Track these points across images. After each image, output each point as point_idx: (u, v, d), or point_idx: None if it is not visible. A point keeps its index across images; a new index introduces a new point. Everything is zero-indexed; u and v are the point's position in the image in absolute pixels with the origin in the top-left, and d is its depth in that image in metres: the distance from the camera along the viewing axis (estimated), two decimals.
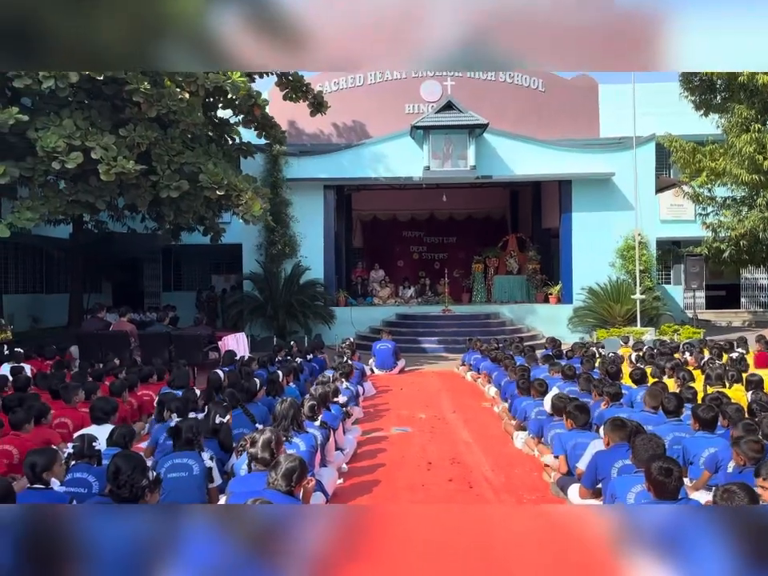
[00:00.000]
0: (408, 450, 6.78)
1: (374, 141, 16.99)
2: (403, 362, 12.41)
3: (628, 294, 15.40)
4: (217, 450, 5.02)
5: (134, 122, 10.30)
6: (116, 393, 6.74)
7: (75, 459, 4.31)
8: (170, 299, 21.05)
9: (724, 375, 7.07)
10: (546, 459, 5.87)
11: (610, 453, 4.52)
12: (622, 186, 16.15)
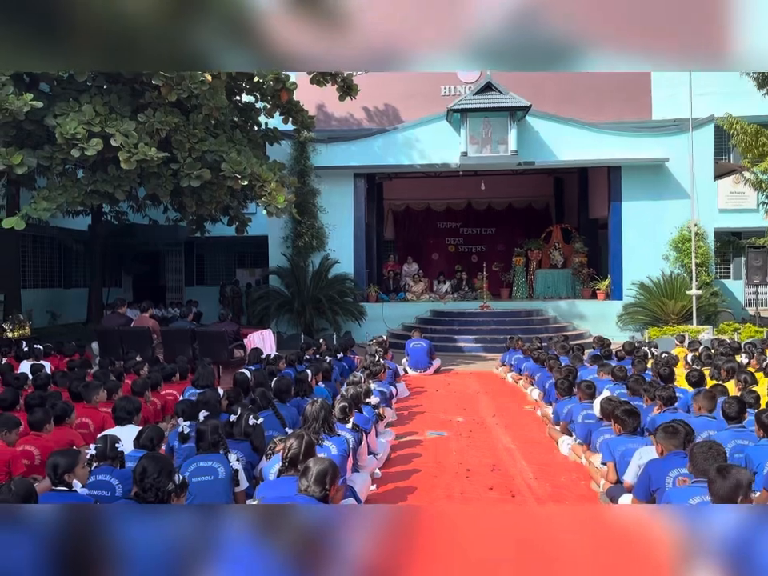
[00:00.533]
0: (445, 456, 6.78)
1: (408, 125, 16.94)
2: (438, 362, 12.40)
3: (683, 289, 15.14)
4: (248, 452, 5.09)
5: (153, 106, 10.44)
6: (138, 392, 6.85)
7: (98, 461, 4.40)
8: (193, 294, 21.38)
9: None
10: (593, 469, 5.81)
11: (664, 462, 4.46)
12: (677, 172, 15.85)
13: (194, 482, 4.52)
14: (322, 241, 16.33)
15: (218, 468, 4.57)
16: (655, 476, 4.41)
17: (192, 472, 4.57)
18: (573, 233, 18.33)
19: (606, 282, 16.46)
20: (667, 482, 4.32)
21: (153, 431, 4.98)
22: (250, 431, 5.13)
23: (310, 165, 16.28)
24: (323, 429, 5.10)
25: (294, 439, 3.99)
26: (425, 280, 18.64)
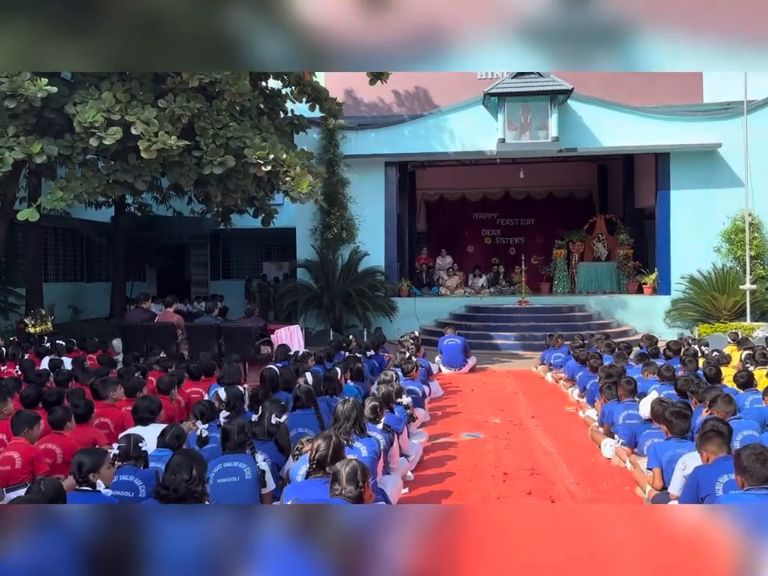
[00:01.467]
0: (480, 459, 6.77)
1: (442, 111, 16.88)
2: (474, 360, 12.36)
3: (736, 283, 14.86)
4: (273, 453, 5.14)
5: (175, 92, 10.54)
6: (164, 390, 6.96)
7: (121, 461, 4.48)
8: (218, 288, 21.63)
9: None
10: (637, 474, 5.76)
11: (712, 467, 4.39)
12: (730, 158, 15.54)
13: (219, 483, 4.59)
14: (351, 233, 16.37)
15: (244, 469, 4.62)
16: (704, 482, 4.35)
17: (217, 473, 4.64)
18: (617, 223, 18.10)
19: (653, 276, 16.22)
20: (717, 488, 4.26)
21: (179, 430, 5.06)
22: (273, 430, 5.17)
23: (339, 153, 16.30)
24: (354, 429, 5.12)
25: (322, 440, 4.03)
26: (459, 274, 18.58)
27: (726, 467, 4.36)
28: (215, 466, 4.67)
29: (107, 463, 4.04)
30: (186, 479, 3.62)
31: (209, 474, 4.60)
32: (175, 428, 5.04)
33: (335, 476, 3.69)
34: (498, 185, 20.93)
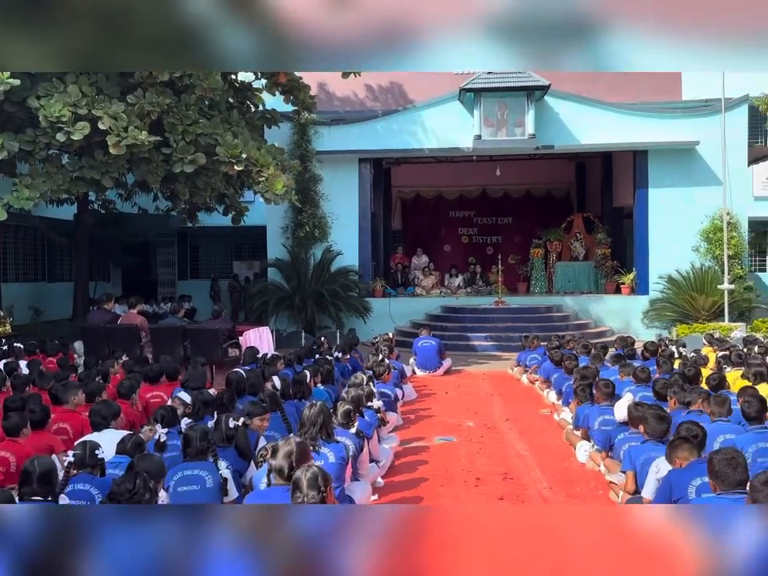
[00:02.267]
0: (453, 464, 6.78)
1: (417, 106, 16.88)
2: (449, 362, 12.38)
3: (714, 283, 15.04)
4: (234, 459, 5.08)
5: (143, 87, 10.44)
6: (124, 395, 6.87)
7: (76, 469, 4.41)
8: (186, 289, 21.43)
9: None
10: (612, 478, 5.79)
11: (686, 470, 4.44)
12: (708, 156, 15.72)
13: (179, 492, 4.54)
14: (324, 231, 16.30)
15: (205, 477, 4.58)
16: (677, 485, 4.39)
17: (178, 481, 4.59)
18: (595, 222, 18.23)
19: (630, 276, 16.36)
20: (689, 492, 4.31)
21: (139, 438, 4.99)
22: (231, 434, 5.12)
23: (312, 149, 16.23)
24: (321, 434, 5.09)
25: (284, 446, 3.99)
26: (435, 273, 18.60)
27: (698, 471, 4.40)
28: (175, 474, 4.63)
29: (55, 473, 3.99)
30: (129, 489, 3.57)
31: (168, 482, 4.56)
32: (136, 436, 4.97)
33: (296, 483, 3.66)
34: (475, 182, 20.95)
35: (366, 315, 15.96)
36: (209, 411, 6.00)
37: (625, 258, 17.57)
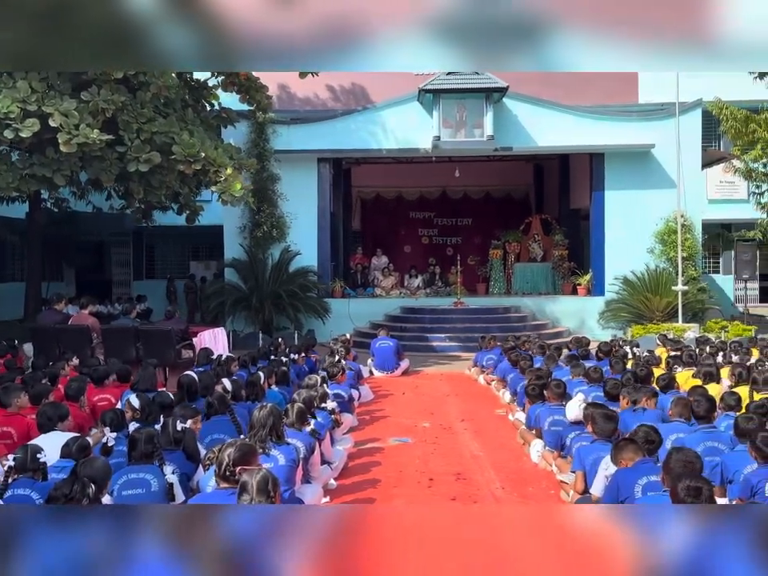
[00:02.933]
0: (407, 465, 6.78)
1: (376, 107, 16.89)
2: (407, 363, 12.40)
3: (668, 284, 15.31)
4: (182, 462, 5.02)
5: (97, 84, 10.27)
6: (73, 397, 6.74)
7: (17, 473, 4.31)
8: (142, 289, 21.12)
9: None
10: (563, 477, 5.86)
11: (632, 470, 4.50)
12: (664, 160, 16.00)
13: (123, 496, 4.47)
14: (282, 231, 16.20)
15: (150, 480, 4.51)
16: (624, 484, 4.45)
17: (122, 484, 4.52)
18: (553, 224, 18.42)
19: (587, 277, 16.58)
20: (636, 491, 4.37)
21: (84, 441, 4.90)
22: (179, 437, 5.05)
23: (270, 148, 16.10)
24: (270, 437, 5.05)
25: (229, 448, 3.95)
26: (395, 274, 18.61)
27: (644, 470, 4.48)
28: (120, 477, 4.55)
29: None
30: (65, 493, 3.50)
31: (113, 486, 4.48)
32: (81, 439, 4.87)
33: (243, 486, 3.61)
34: (435, 183, 21.02)
35: (324, 316, 15.90)
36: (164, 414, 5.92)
37: (581, 260, 17.78)
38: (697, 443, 5.17)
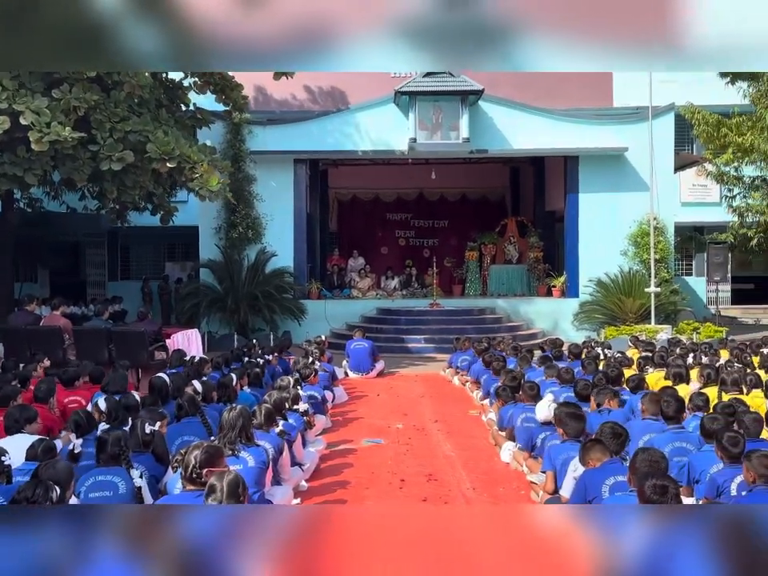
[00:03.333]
0: (379, 466, 6.77)
1: (353, 108, 16.88)
2: (382, 364, 12.39)
3: (641, 286, 15.44)
4: (151, 464, 4.96)
5: (69, 82, 10.15)
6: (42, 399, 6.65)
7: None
8: (117, 290, 20.89)
9: (741, 380, 7.10)
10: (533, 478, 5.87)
11: (599, 470, 4.52)
12: (637, 163, 16.13)
13: (90, 498, 4.41)
14: (258, 232, 16.12)
15: (118, 483, 4.45)
16: (591, 485, 4.47)
17: (89, 487, 4.46)
18: (528, 226, 18.51)
19: (561, 279, 16.68)
20: (603, 491, 4.39)
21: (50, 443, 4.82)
22: (148, 439, 5.00)
23: (245, 149, 16.02)
24: (240, 438, 5.01)
25: (195, 450, 3.91)
26: (372, 275, 18.61)
27: (611, 470, 4.51)
28: (87, 480, 4.49)
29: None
30: (27, 497, 3.45)
31: (80, 488, 4.42)
32: (46, 441, 4.80)
33: (211, 488, 3.57)
34: (412, 185, 21.05)
35: (300, 317, 15.84)
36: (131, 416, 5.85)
37: (556, 262, 17.88)
38: (665, 443, 5.21)
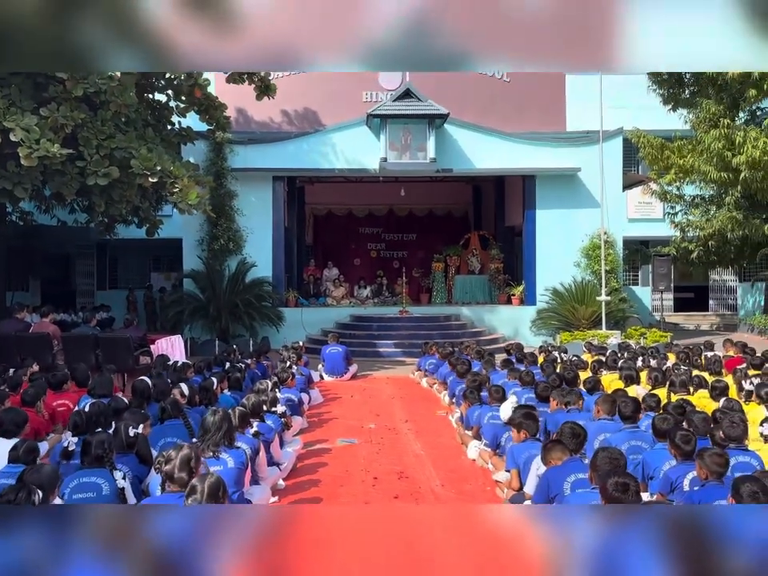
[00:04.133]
0: (353, 464, 6.61)
1: (328, 129, 16.77)
2: (355, 367, 12.24)
3: (593, 295, 15.49)
4: (134, 465, 4.76)
5: (58, 101, 9.91)
6: (29, 402, 6.40)
7: None
8: (105, 298, 20.47)
9: (688, 381, 7.08)
10: (498, 476, 5.76)
11: (561, 468, 4.43)
12: (588, 182, 16.22)
13: (74, 499, 4.20)
14: (238, 244, 15.89)
15: (102, 484, 4.26)
16: (554, 482, 4.37)
17: (74, 488, 4.26)
18: (490, 240, 18.54)
19: (520, 288, 16.70)
20: (565, 488, 4.29)
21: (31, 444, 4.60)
22: (132, 441, 4.79)
23: (227, 166, 15.83)
24: (224, 440, 4.83)
25: (173, 451, 3.73)
26: (345, 285, 18.49)
27: (572, 468, 4.42)
28: (72, 481, 4.29)
29: None
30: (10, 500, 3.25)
31: (64, 490, 4.21)
32: (29, 443, 4.58)
33: (192, 489, 3.41)
34: (383, 201, 21.02)
35: (279, 324, 15.63)
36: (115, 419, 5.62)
37: (515, 272, 17.90)
38: (622, 442, 5.14)
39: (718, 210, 16.49)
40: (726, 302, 21.72)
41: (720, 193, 16.57)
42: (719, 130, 14.26)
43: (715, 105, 15.09)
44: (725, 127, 14.25)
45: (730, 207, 15.83)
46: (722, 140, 14.21)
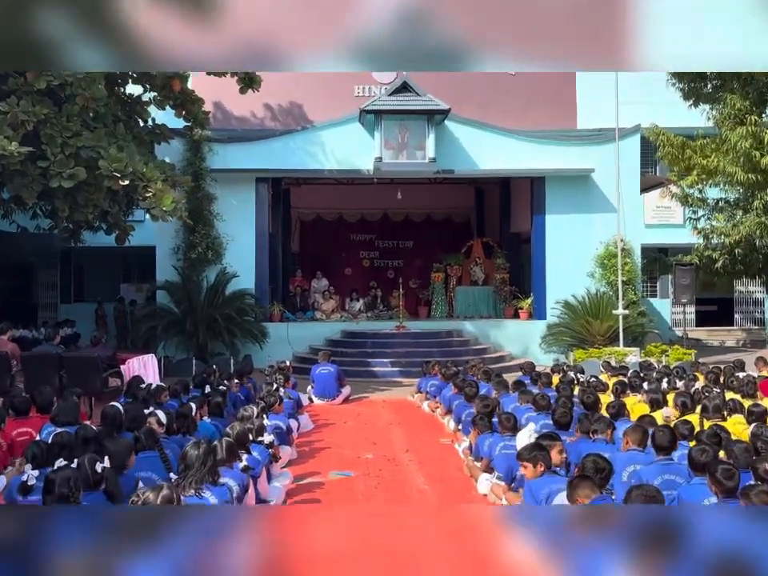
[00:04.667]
0: (349, 500, 6.45)
1: (317, 126, 16.69)
2: (348, 390, 12.08)
3: (609, 308, 15.39)
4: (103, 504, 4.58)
5: (18, 95, 9.76)
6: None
7: None
8: (70, 313, 20.27)
9: (723, 406, 6.96)
10: None
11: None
12: (603, 184, 16.19)
13: None
14: (218, 252, 15.73)
15: None
16: None
17: None
18: (494, 247, 18.47)
19: (528, 301, 16.60)
20: None
21: None
22: (98, 478, 4.61)
23: (206, 167, 15.68)
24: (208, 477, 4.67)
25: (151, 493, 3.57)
26: (336, 297, 18.33)
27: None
28: None
29: None
30: None
31: None
32: None
33: None
34: (377, 205, 20.89)
35: (262, 341, 15.45)
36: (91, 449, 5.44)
37: (523, 283, 17.82)
38: (654, 476, 5.01)
39: (745, 214, 16.44)
40: (752, 315, 21.70)
41: (747, 196, 16.51)
42: (746, 127, 14.24)
43: (740, 100, 15.07)
44: (752, 124, 14.23)
45: (758, 212, 15.78)
46: (749, 138, 14.19)
